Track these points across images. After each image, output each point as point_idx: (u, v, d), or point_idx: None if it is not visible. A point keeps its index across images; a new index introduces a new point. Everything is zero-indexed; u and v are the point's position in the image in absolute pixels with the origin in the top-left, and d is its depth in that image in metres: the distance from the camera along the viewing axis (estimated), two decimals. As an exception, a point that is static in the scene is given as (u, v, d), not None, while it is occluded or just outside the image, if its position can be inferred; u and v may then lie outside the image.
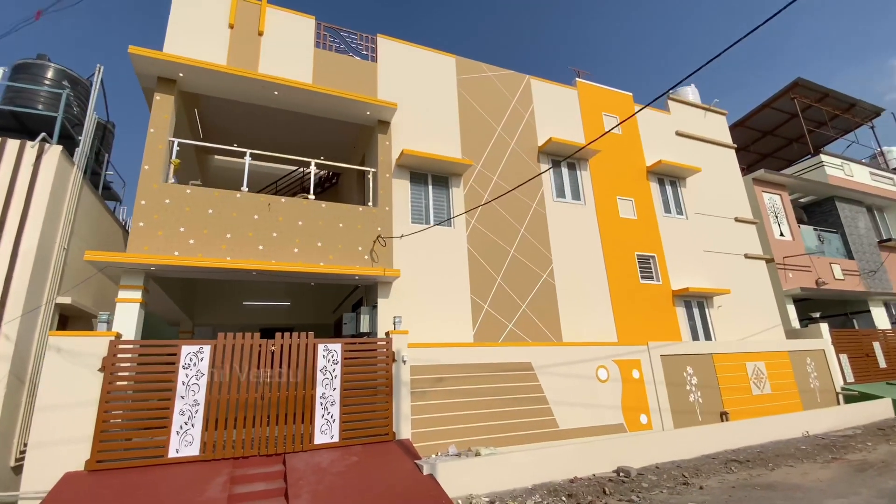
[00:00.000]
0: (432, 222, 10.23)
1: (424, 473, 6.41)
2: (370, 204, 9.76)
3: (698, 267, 13.22)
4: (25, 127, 7.77)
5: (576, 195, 12.21)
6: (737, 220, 14.62)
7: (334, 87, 9.94)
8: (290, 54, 9.89)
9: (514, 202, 11.20)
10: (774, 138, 22.15)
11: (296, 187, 14.66)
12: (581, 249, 11.63)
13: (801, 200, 18.16)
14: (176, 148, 8.54)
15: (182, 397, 6.42)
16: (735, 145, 15.80)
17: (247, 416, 6.63)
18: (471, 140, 11.21)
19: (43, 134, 7.12)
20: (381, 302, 9.08)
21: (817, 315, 13.76)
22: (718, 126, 15.89)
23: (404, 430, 7.55)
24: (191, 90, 9.09)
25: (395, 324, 8.26)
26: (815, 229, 16.57)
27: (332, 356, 7.38)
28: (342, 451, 6.86)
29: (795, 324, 14.45)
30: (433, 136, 10.82)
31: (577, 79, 13.54)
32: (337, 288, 13.07)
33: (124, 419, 6.20)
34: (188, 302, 12.36)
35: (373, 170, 10.03)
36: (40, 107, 7.80)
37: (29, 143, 7.34)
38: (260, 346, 7.01)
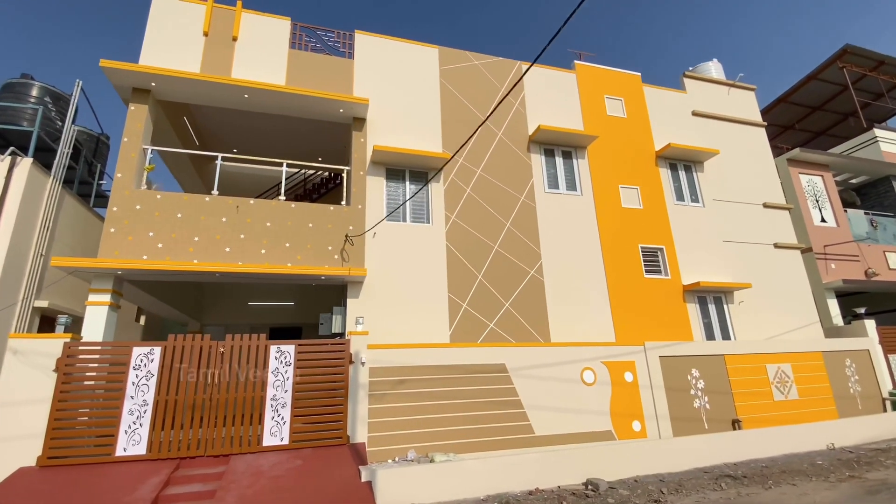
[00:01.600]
0: (409, 220, 9.96)
1: (362, 480, 6.18)
2: (343, 203, 9.65)
3: (716, 259, 12.03)
4: (9, 143, 8.35)
5: (571, 185, 11.47)
6: (766, 205, 13.17)
7: (308, 86, 9.91)
8: (263, 57, 9.97)
9: (499, 195, 10.69)
10: (825, 114, 19.89)
11: (298, 189, 14.91)
12: (575, 243, 10.91)
13: (853, 181, 16.12)
14: (150, 155, 8.83)
15: (131, 397, 6.58)
16: (765, 123, 14.25)
17: (194, 417, 6.70)
18: (453, 133, 10.81)
19: (12, 148, 7.59)
20: (350, 302, 8.94)
21: (862, 311, 12.11)
22: (745, 103, 14.40)
23: (360, 434, 7.35)
24: (168, 99, 9.37)
25: (356, 324, 8.09)
26: (867, 213, 14.64)
27: (285, 358, 7.32)
28: (290, 455, 6.77)
29: (838, 320, 12.84)
30: (412, 130, 10.53)
31: (577, 61, 12.72)
32: (340, 287, 13.14)
33: (76, 417, 6.44)
34: (192, 303, 12.87)
35: (347, 168, 9.91)
36: (25, 123, 8.37)
37: (-2, 157, 7.79)
38: (210, 347, 7.05)
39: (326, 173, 14.51)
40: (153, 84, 8.82)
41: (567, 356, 8.96)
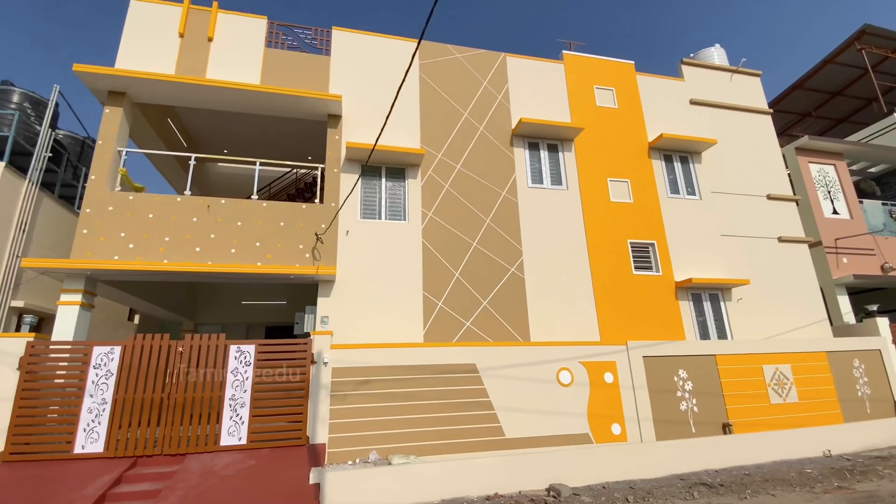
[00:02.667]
0: (384, 217, 9.82)
1: (311, 482, 6.09)
2: (316, 201, 9.59)
3: (713, 254, 11.46)
4: (-8, 148, 8.64)
5: (556, 180, 11.11)
6: (770, 197, 12.47)
7: (284, 85, 9.88)
8: (238, 57, 9.98)
9: (479, 191, 10.44)
10: (846, 100, 18.77)
11: (290, 188, 14.99)
12: (559, 239, 10.56)
13: (872, 170, 15.13)
14: (124, 157, 8.97)
15: (91, 396, 6.67)
16: (770, 110, 13.47)
17: (151, 415, 6.74)
18: (432, 128, 10.61)
19: (-19, 152, 7.81)
20: (320, 301, 8.87)
21: (874, 308, 11.31)
22: (749, 90, 13.66)
23: (321, 435, 7.26)
24: (144, 101, 9.49)
25: (321, 323, 8.00)
26: (886, 204, 13.70)
27: (245, 358, 7.29)
28: (245, 455, 6.74)
29: (849, 318, 12.08)
30: (390, 126, 10.34)
31: (565, 51, 12.31)
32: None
33: (37, 415, 6.56)
34: (184, 303, 13.09)
35: (321, 166, 9.84)
36: (6, 129, 8.62)
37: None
38: (170, 346, 7.09)
39: (319, 172, 14.53)
40: (127, 87, 8.94)
41: (543, 356, 8.66)
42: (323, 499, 6.01)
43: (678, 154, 12.16)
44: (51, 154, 9.08)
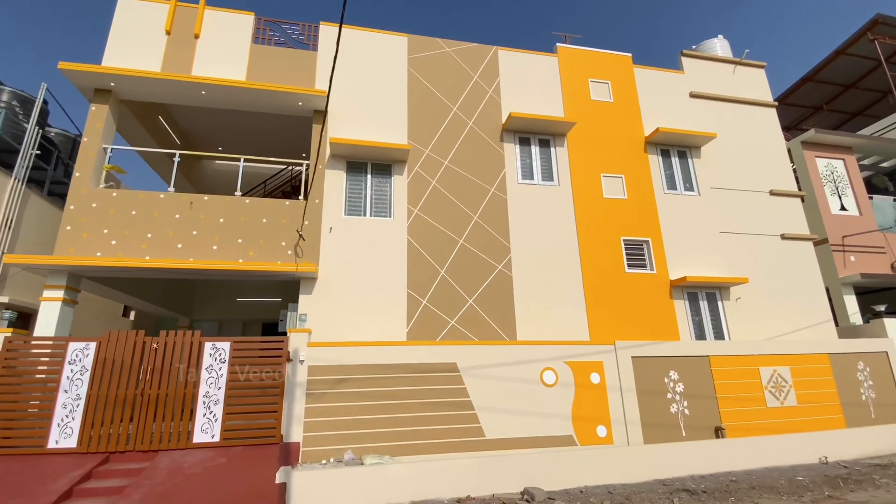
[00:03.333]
0: (370, 214, 9.71)
1: (277, 482, 6.02)
2: (300, 197, 9.52)
3: (712, 252, 11.11)
4: (-21, 147, 8.78)
5: (547, 176, 10.87)
6: (773, 193, 12.03)
7: (270, 81, 9.84)
8: (225, 53, 9.95)
9: (467, 187, 10.26)
10: (861, 92, 18.05)
11: (285, 186, 14.98)
12: (549, 237, 10.32)
13: (885, 164, 14.52)
14: (109, 154, 9.01)
15: (65, 391, 6.70)
16: (775, 103, 12.99)
17: (125, 412, 6.74)
18: (420, 123, 10.46)
19: (-37, 150, 7.90)
20: (302, 299, 8.80)
21: (882, 308, 10.83)
22: (753, 82, 13.19)
23: (295, 434, 7.19)
24: (130, 98, 9.54)
25: (298, 321, 7.94)
26: (897, 200, 13.14)
27: (220, 355, 7.25)
28: (217, 452, 6.70)
29: (856, 319, 11.62)
30: (377, 121, 10.26)
31: (559, 44, 12.03)
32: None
33: (12, 409, 6.60)
34: (179, 300, 13.18)
35: (307, 163, 9.77)
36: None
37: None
38: (144, 342, 7.08)
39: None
40: (112, 84, 8.97)
41: (527, 355, 8.46)
42: (289, 499, 5.94)
43: (676, 149, 11.80)
44: (39, 152, 9.19)
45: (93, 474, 6.15)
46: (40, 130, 9.29)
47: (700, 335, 10.47)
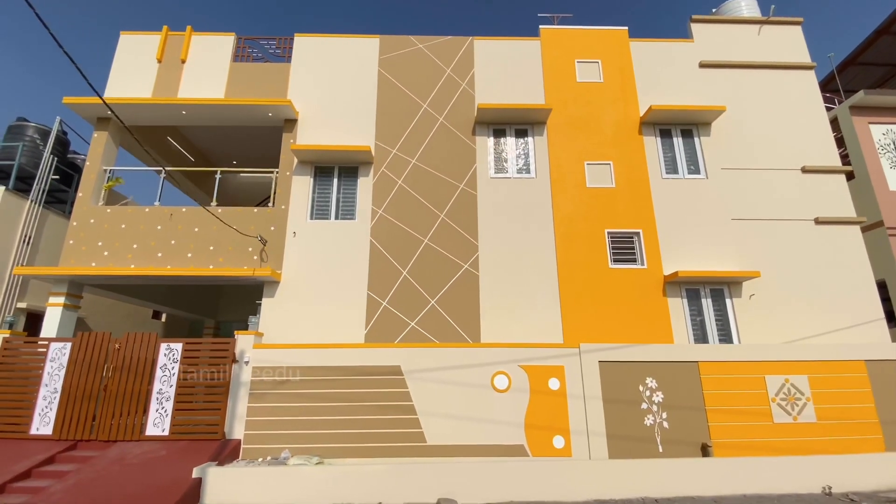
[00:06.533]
0: (337, 217, 9.87)
1: (193, 477, 6.35)
2: (270, 204, 9.95)
3: (721, 243, 9.72)
4: (8, 176, 10.31)
5: (524, 168, 10.24)
6: (805, 170, 10.21)
7: (246, 96, 10.41)
8: (207, 74, 10.70)
9: (434, 185, 10.01)
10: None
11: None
12: (522, 232, 9.72)
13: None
14: (108, 175, 10.12)
15: (46, 385, 7.66)
16: (814, 63, 10.99)
17: (90, 405, 7.54)
18: (388, 123, 10.41)
19: (-10, 180, 9.37)
20: (265, 302, 9.21)
21: (950, 306, 8.67)
22: (786, 42, 11.27)
23: (237, 431, 7.56)
24: (129, 123, 10.61)
25: (249, 324, 8.30)
26: None
27: (174, 355, 7.83)
28: (163, 445, 7.24)
29: (922, 319, 9.45)
30: (345, 125, 10.40)
31: (542, 26, 11.27)
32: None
33: (4, 400, 7.68)
34: (203, 303, 14.42)
35: (276, 170, 10.19)
36: (24, 159, 10.28)
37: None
38: (109, 343, 7.86)
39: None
40: (109, 112, 10.07)
41: (478, 358, 8.07)
42: (203, 494, 6.24)
43: (679, 128, 10.49)
44: (57, 177, 10.66)
45: (55, 459, 6.96)
46: (54, 158, 10.79)
47: (701, 338, 9.21)
